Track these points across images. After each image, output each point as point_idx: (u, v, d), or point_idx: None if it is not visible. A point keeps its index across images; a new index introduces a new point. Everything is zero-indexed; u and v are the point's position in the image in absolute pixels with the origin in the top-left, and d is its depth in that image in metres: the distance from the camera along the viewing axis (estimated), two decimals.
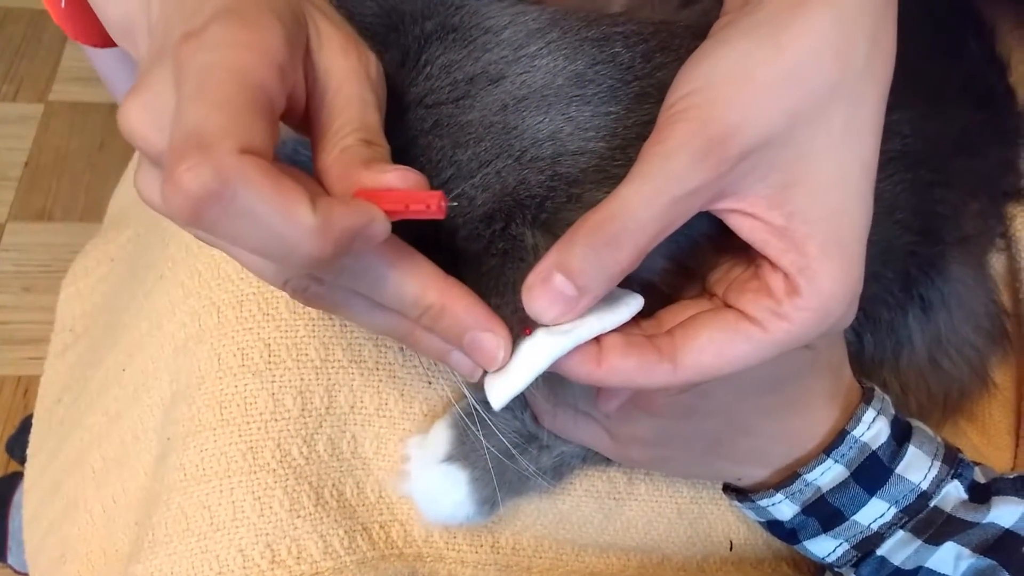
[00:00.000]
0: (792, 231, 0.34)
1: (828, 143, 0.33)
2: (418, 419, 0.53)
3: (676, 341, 0.35)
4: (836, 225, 0.34)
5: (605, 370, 0.34)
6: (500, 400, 0.35)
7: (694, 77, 0.34)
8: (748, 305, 0.35)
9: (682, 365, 0.34)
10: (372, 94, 0.33)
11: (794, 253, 0.34)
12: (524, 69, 0.37)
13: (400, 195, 0.30)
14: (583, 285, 0.32)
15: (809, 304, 0.34)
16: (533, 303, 0.33)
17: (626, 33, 0.39)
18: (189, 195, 0.26)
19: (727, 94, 0.33)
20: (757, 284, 0.35)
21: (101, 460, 0.60)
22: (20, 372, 1.31)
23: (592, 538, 0.55)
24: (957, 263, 0.55)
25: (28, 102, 1.63)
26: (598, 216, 0.32)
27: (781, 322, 0.34)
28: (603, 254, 0.32)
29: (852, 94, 0.34)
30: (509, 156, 0.36)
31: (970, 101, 0.57)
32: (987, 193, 0.59)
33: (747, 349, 0.34)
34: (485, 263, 0.35)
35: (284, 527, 0.49)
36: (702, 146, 0.32)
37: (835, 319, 0.34)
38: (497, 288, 0.34)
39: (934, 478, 0.46)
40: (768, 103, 0.33)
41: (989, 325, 0.59)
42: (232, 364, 0.51)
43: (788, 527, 0.49)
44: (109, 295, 0.73)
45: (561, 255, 0.32)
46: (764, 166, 0.33)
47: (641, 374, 0.35)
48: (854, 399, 0.48)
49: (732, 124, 0.32)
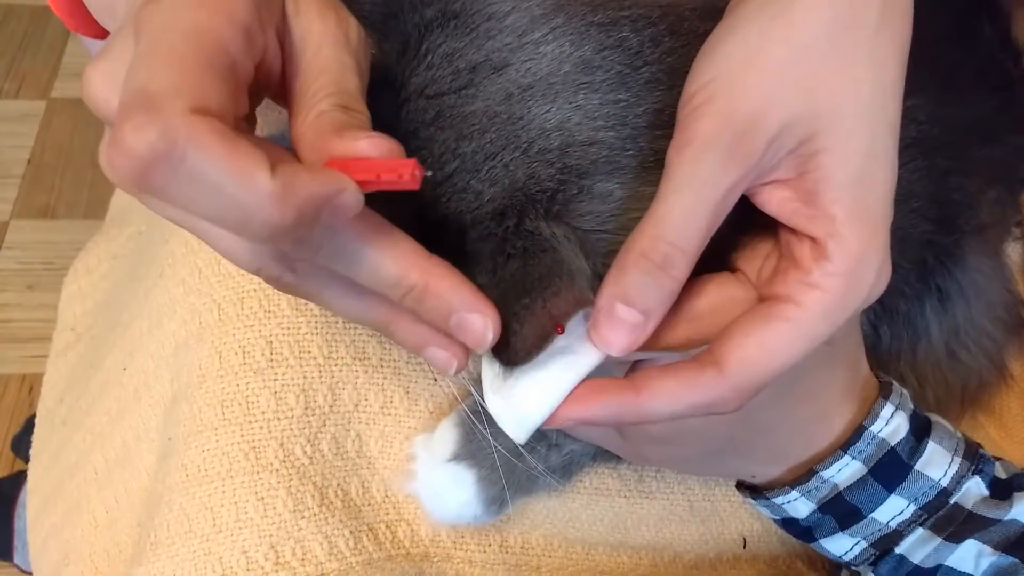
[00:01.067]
0: (820, 196, 0.33)
1: (856, 109, 0.33)
2: (424, 417, 0.52)
3: (715, 347, 0.34)
4: (863, 190, 0.33)
5: (646, 398, 0.34)
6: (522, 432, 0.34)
7: (710, 66, 0.33)
8: (778, 286, 0.34)
9: (727, 368, 0.33)
10: (351, 58, 0.32)
11: (822, 219, 0.33)
12: (529, 56, 0.36)
13: (371, 164, 0.28)
14: (646, 309, 0.32)
15: (839, 268, 0.33)
16: (602, 339, 0.32)
17: (633, 17, 0.38)
18: (133, 156, 0.25)
19: (745, 81, 0.32)
20: (784, 264, 0.34)
21: (103, 461, 0.59)
22: (25, 370, 1.31)
23: (603, 536, 0.54)
24: (974, 252, 0.54)
25: (30, 99, 1.62)
26: (644, 240, 0.32)
27: (814, 291, 0.33)
28: (658, 276, 0.32)
29: (871, 58, 0.33)
30: (516, 148, 0.35)
31: (986, 87, 0.56)
32: (1004, 181, 0.58)
33: (789, 333, 0.33)
34: (506, 266, 0.34)
35: (288, 528, 0.49)
36: (729, 143, 0.31)
37: (867, 286, 0.33)
38: (524, 287, 0.33)
39: (954, 474, 0.45)
40: (787, 85, 0.32)
41: (1006, 316, 0.58)
42: (233, 362, 0.50)
43: (804, 525, 0.48)
44: (111, 293, 0.72)
45: (617, 287, 0.32)
46: (792, 141, 0.33)
47: (686, 390, 0.34)
48: (871, 394, 0.47)
49: (755, 112, 0.32)
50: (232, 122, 0.27)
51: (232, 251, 0.33)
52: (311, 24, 0.32)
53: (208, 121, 0.25)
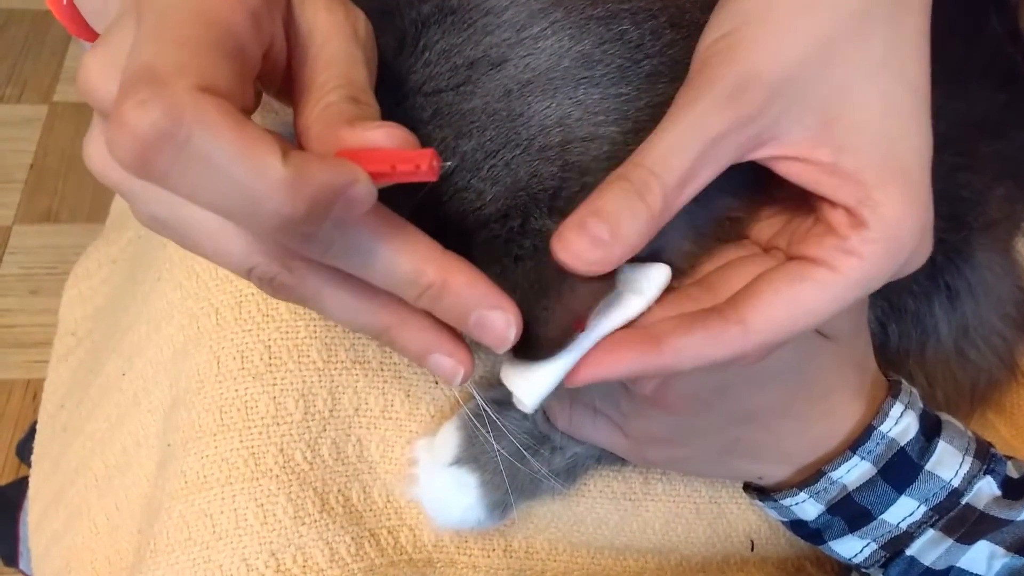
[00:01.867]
0: (842, 165, 0.32)
1: (868, 72, 0.32)
2: (425, 420, 0.52)
3: (740, 303, 0.33)
4: (891, 152, 0.32)
5: (670, 353, 0.32)
6: (533, 399, 0.33)
7: (720, 22, 0.32)
8: (812, 248, 0.33)
9: (753, 325, 0.32)
10: (360, 51, 0.31)
11: (851, 186, 0.32)
12: (527, 51, 0.35)
13: (385, 155, 0.27)
14: (616, 230, 0.30)
15: (877, 234, 0.32)
16: (568, 247, 0.30)
17: (633, 10, 0.37)
18: (136, 135, 0.23)
19: (752, 33, 0.31)
20: (820, 227, 0.33)
21: (103, 467, 0.58)
22: (29, 375, 1.31)
23: (608, 540, 0.54)
24: (983, 249, 0.53)
25: (32, 104, 1.62)
26: (627, 165, 0.31)
27: (850, 258, 0.32)
28: (633, 199, 0.30)
29: (888, 17, 0.32)
30: (516, 145, 0.34)
31: (994, 81, 0.55)
32: (1013, 176, 0.57)
33: (820, 295, 0.32)
34: (517, 268, 0.33)
35: (289, 535, 0.48)
36: (728, 88, 0.31)
37: (909, 251, 0.32)
38: (540, 287, 0.32)
39: (965, 474, 0.44)
40: (794, 38, 0.31)
41: (1016, 313, 0.57)
42: (232, 367, 0.50)
43: (812, 527, 0.47)
44: (111, 297, 0.72)
45: (593, 202, 0.31)
46: (799, 105, 0.32)
47: (711, 346, 0.32)
48: (880, 393, 0.46)
49: (758, 62, 0.31)
50: (240, 108, 0.25)
51: (223, 249, 0.31)
52: (318, 16, 0.31)
53: (216, 100, 0.24)
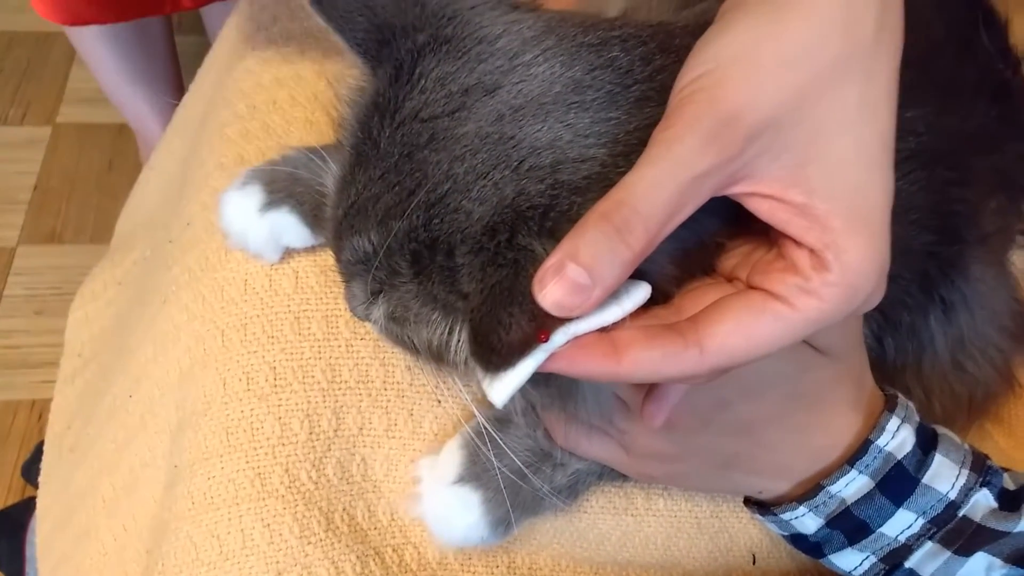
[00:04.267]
0: (813, 208, 0.33)
1: (843, 119, 0.33)
2: (428, 439, 0.52)
3: (700, 326, 0.34)
4: (859, 200, 0.33)
5: (628, 365, 0.33)
6: (502, 395, 0.34)
7: (702, 60, 0.33)
8: (775, 284, 0.34)
9: (709, 350, 0.33)
10: None
11: (818, 230, 0.33)
12: (520, 78, 0.36)
13: None
14: (597, 273, 0.31)
15: (838, 279, 0.33)
16: (547, 295, 0.31)
17: (624, 36, 0.38)
18: None
19: (734, 75, 0.32)
20: (782, 263, 0.34)
21: (111, 488, 0.59)
22: (34, 396, 1.31)
23: (611, 555, 0.54)
24: (977, 262, 0.53)
25: (36, 125, 1.63)
26: (607, 204, 0.32)
27: (810, 299, 0.33)
28: (614, 240, 0.31)
29: (864, 69, 0.33)
30: (507, 167, 0.35)
31: (985, 96, 0.56)
32: (1005, 190, 0.58)
33: (776, 328, 0.33)
34: (493, 275, 0.34)
35: (295, 554, 0.48)
36: (710, 128, 0.31)
37: (864, 295, 0.33)
38: (513, 297, 0.33)
39: (962, 487, 0.45)
40: (775, 83, 0.32)
41: (1012, 325, 0.58)
42: (238, 388, 0.50)
43: (812, 541, 0.47)
44: (117, 319, 0.73)
45: (572, 244, 0.31)
46: (777, 147, 0.32)
47: (667, 364, 0.33)
48: (877, 407, 0.47)
49: (739, 105, 0.32)
50: None
51: None
52: None
53: None
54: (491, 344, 0.32)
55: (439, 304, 0.37)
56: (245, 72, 0.64)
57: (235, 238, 0.52)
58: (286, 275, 0.53)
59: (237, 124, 0.60)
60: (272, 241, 0.51)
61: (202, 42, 1.43)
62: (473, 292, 0.34)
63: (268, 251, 0.52)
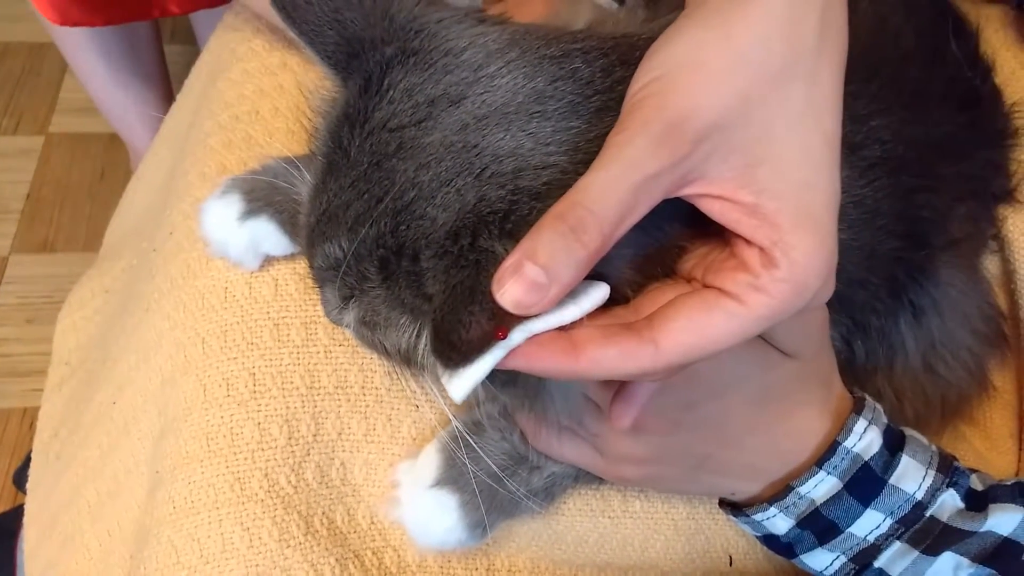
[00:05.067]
0: (762, 207, 0.34)
1: (789, 120, 0.34)
2: (407, 443, 0.53)
3: (655, 324, 0.35)
4: (806, 199, 0.34)
5: (585, 362, 0.34)
6: (461, 391, 0.35)
7: (652, 67, 0.34)
8: (726, 282, 0.35)
9: (663, 346, 0.34)
10: None
11: (767, 228, 0.34)
12: (484, 89, 0.37)
13: None
14: (553, 272, 0.32)
15: (786, 275, 0.34)
16: (505, 294, 0.32)
17: (585, 49, 0.39)
18: None
19: (682, 81, 0.33)
20: (734, 262, 0.35)
21: (96, 494, 0.60)
22: (25, 404, 1.31)
23: (588, 557, 0.55)
24: (947, 267, 0.54)
25: (28, 135, 1.64)
26: (562, 205, 0.33)
27: (760, 295, 0.34)
28: (569, 240, 0.32)
29: (807, 72, 0.34)
30: (470, 174, 0.36)
31: (953, 104, 0.57)
32: (976, 196, 0.58)
33: (728, 325, 0.34)
34: (455, 276, 0.35)
35: (274, 558, 0.49)
36: (659, 131, 0.32)
37: (812, 292, 0.34)
38: (473, 296, 0.34)
39: (928, 487, 0.45)
40: (720, 88, 0.33)
41: (985, 328, 0.58)
42: (218, 395, 0.51)
43: (784, 541, 0.48)
44: (103, 327, 0.73)
45: (529, 244, 0.32)
46: (725, 148, 0.33)
47: (623, 361, 0.34)
48: (845, 409, 0.47)
49: (687, 109, 0.33)
50: None
51: None
52: None
53: None
54: (451, 341, 0.33)
55: (407, 308, 0.38)
56: (229, 83, 0.65)
57: (215, 246, 0.53)
58: (266, 282, 0.53)
59: (220, 134, 0.61)
60: (252, 249, 0.52)
61: (192, 51, 1.44)
62: (437, 293, 0.35)
63: (248, 259, 0.53)
